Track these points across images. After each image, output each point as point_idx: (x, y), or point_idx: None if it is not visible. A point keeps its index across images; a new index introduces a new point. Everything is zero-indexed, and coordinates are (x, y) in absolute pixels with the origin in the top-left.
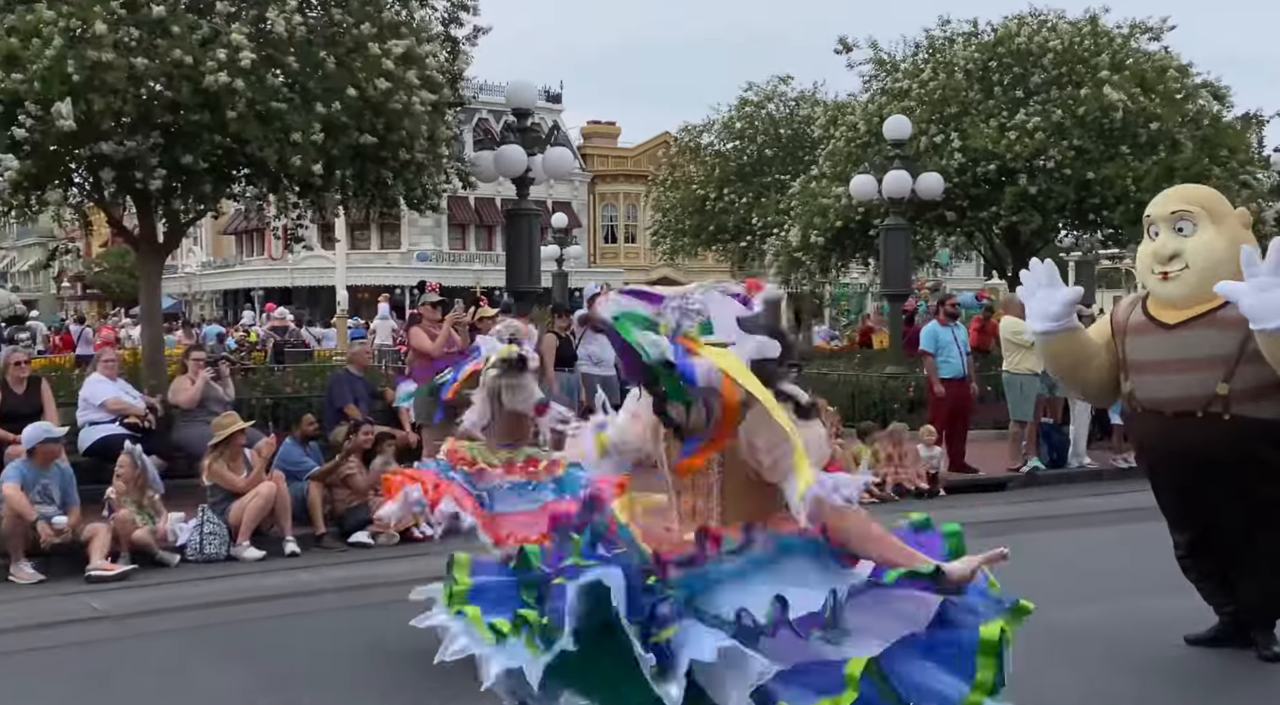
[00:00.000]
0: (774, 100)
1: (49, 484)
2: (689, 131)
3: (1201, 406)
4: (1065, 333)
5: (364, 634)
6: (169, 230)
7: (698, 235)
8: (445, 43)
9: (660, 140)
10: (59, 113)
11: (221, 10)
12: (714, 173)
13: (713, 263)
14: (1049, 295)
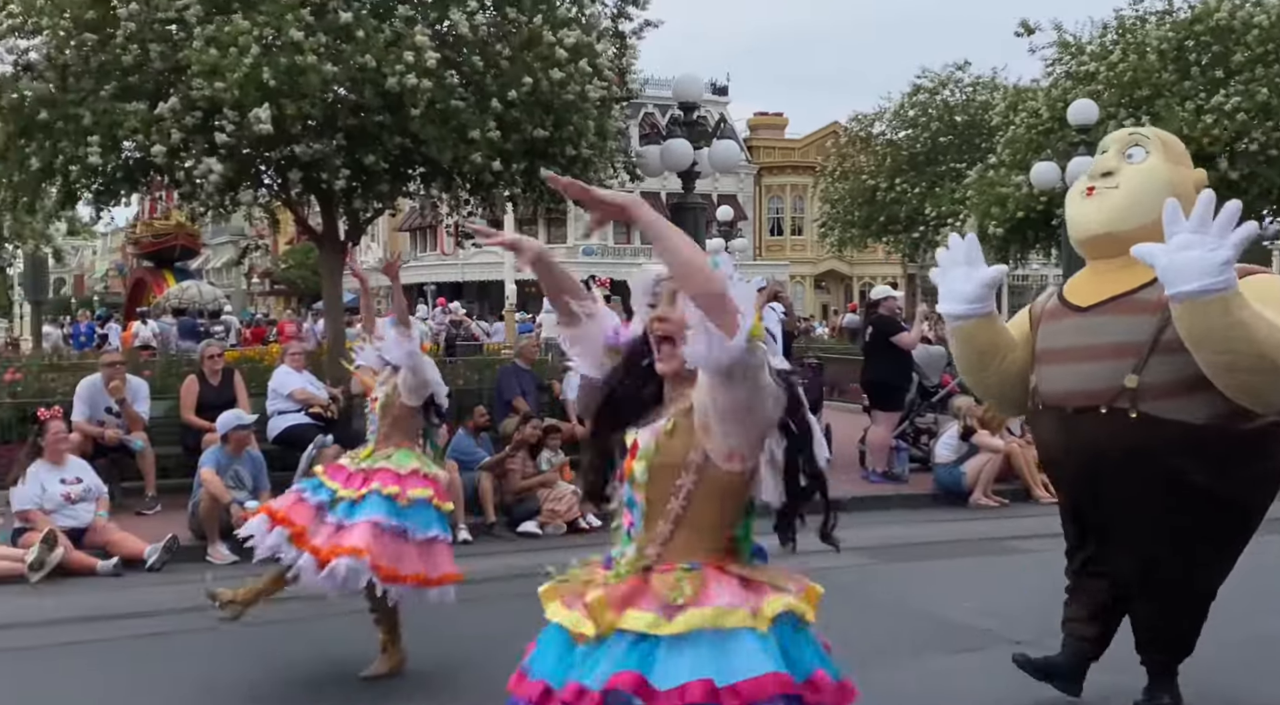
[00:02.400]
0: (949, 86)
1: (241, 470)
2: (859, 121)
3: (1106, 401)
4: (980, 319)
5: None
6: (350, 228)
7: (867, 226)
8: (614, 38)
9: (829, 130)
10: (256, 118)
11: (402, 14)
12: (885, 162)
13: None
14: (966, 274)
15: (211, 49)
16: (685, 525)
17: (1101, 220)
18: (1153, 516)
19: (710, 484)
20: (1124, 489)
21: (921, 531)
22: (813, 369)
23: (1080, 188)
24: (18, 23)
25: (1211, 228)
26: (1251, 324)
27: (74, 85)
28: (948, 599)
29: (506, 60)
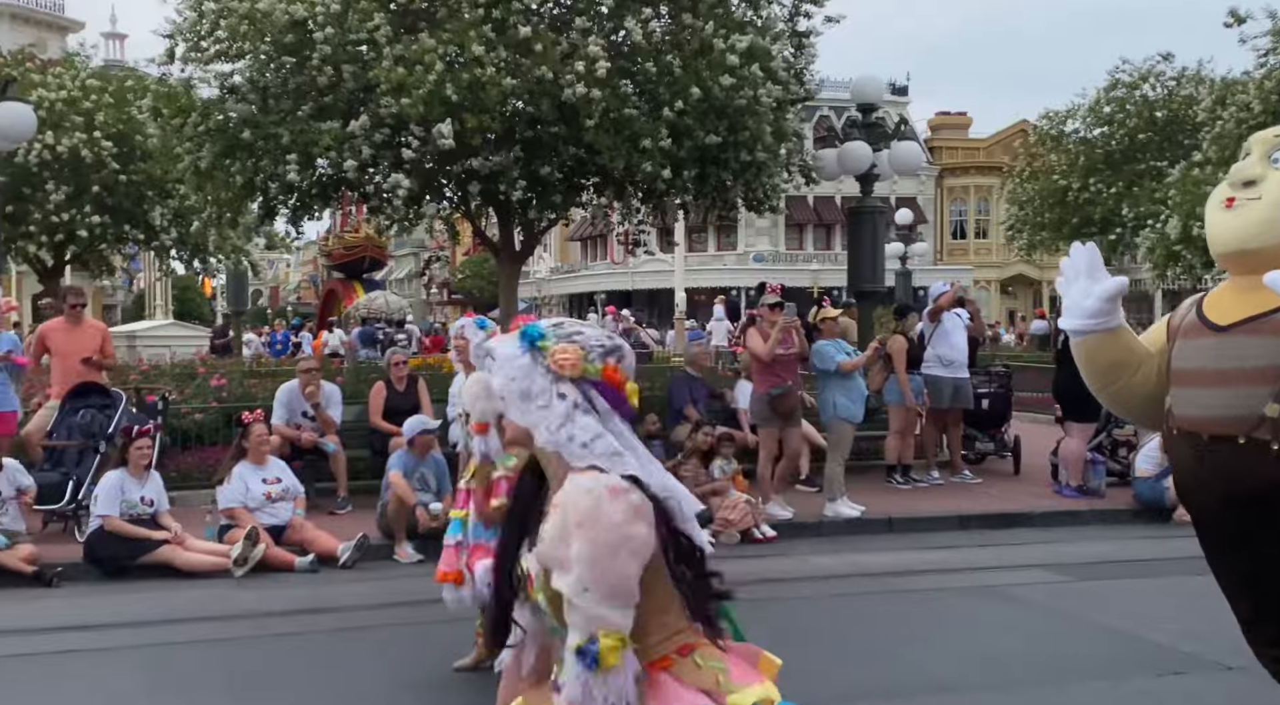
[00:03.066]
0: (1150, 80)
1: (426, 472)
2: (1050, 118)
3: (1244, 431)
4: (1101, 335)
5: None
6: (525, 238)
7: (1059, 229)
8: (791, 38)
9: (1017, 129)
10: (440, 133)
11: (579, 26)
12: (1078, 161)
13: None
14: (1085, 288)
15: (399, 67)
16: None
17: (1238, 236)
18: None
19: None
20: (1267, 531)
21: (1119, 549)
22: (1000, 377)
23: (1220, 197)
24: (224, 48)
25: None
26: None
27: (274, 106)
28: (1148, 619)
29: (680, 68)
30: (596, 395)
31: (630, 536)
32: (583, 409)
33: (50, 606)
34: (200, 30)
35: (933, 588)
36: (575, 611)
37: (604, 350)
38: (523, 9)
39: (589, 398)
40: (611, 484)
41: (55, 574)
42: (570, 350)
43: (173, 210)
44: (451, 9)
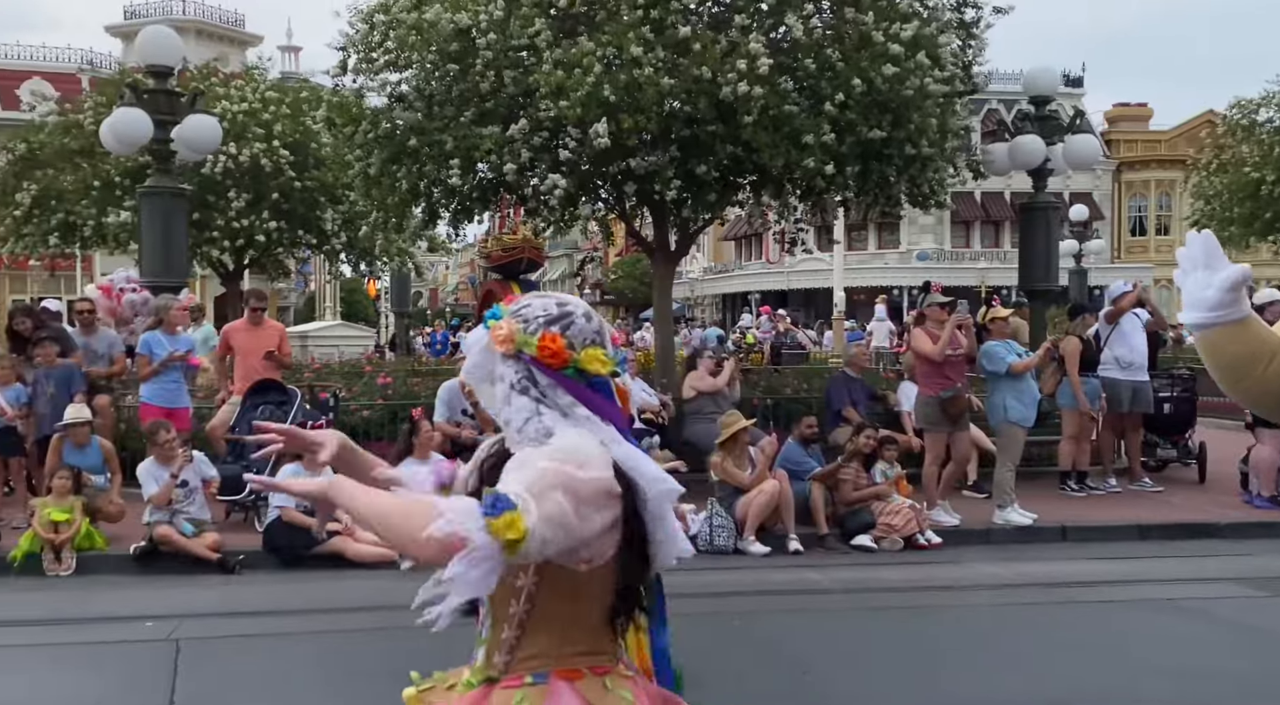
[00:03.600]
0: None
1: None
2: (1241, 107)
3: None
4: (1225, 327)
5: (870, 634)
6: (680, 238)
7: (1249, 224)
8: (959, 29)
9: (1203, 119)
10: (596, 133)
11: (738, 23)
12: (1273, 152)
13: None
14: (1204, 279)
15: (558, 71)
16: (532, 629)
17: None
18: None
19: (554, 583)
20: None
21: None
22: (1183, 381)
23: None
24: (393, 58)
25: None
26: None
27: (438, 113)
28: None
29: (840, 61)
30: (537, 370)
31: (588, 480)
32: (519, 388)
33: (233, 592)
34: (371, 42)
35: (1109, 600)
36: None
37: (546, 319)
38: (681, 9)
39: (530, 375)
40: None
41: (237, 562)
42: (504, 325)
43: (342, 215)
44: (610, 11)
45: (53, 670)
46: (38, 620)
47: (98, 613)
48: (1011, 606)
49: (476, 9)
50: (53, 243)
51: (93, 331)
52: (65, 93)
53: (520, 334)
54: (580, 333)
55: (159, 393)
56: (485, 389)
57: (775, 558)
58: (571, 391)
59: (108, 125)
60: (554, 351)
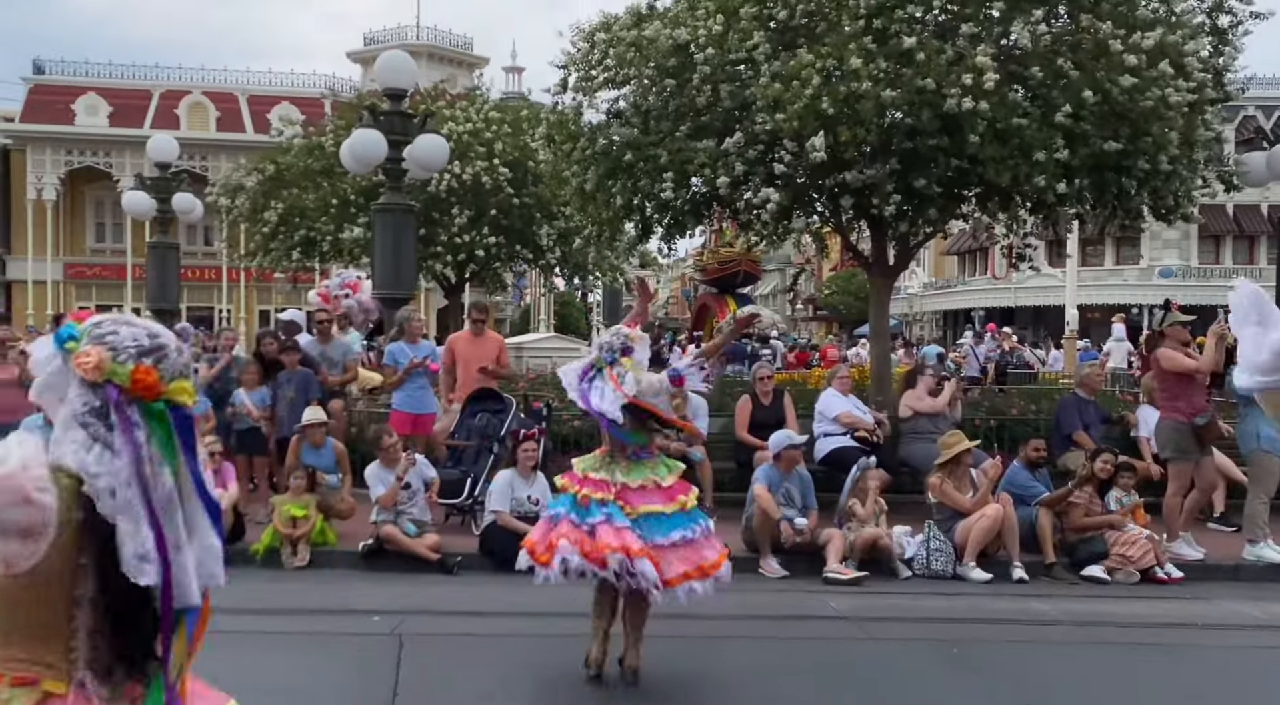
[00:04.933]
0: None
1: (791, 487)
2: None
3: None
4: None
5: (1105, 670)
6: (899, 252)
7: None
8: (1210, 34)
9: None
10: (812, 146)
11: (966, 32)
12: None
13: None
14: (1256, 339)
15: (775, 84)
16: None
17: None
18: None
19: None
20: None
21: None
22: None
23: None
24: (612, 75)
25: None
26: None
27: (654, 128)
28: None
29: (1073, 69)
30: (114, 403)
31: None
32: (80, 422)
33: (451, 591)
34: (591, 59)
35: None
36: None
37: (138, 351)
38: (906, 18)
39: (101, 410)
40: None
41: (456, 563)
42: (93, 353)
43: (557, 230)
44: (831, 22)
45: (288, 656)
46: (276, 610)
47: (329, 605)
48: (1266, 650)
49: (695, 24)
50: (295, 257)
51: (329, 340)
52: (310, 116)
53: (110, 363)
54: (172, 367)
55: (407, 400)
56: (56, 408)
57: (997, 585)
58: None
59: (347, 146)
60: (147, 385)
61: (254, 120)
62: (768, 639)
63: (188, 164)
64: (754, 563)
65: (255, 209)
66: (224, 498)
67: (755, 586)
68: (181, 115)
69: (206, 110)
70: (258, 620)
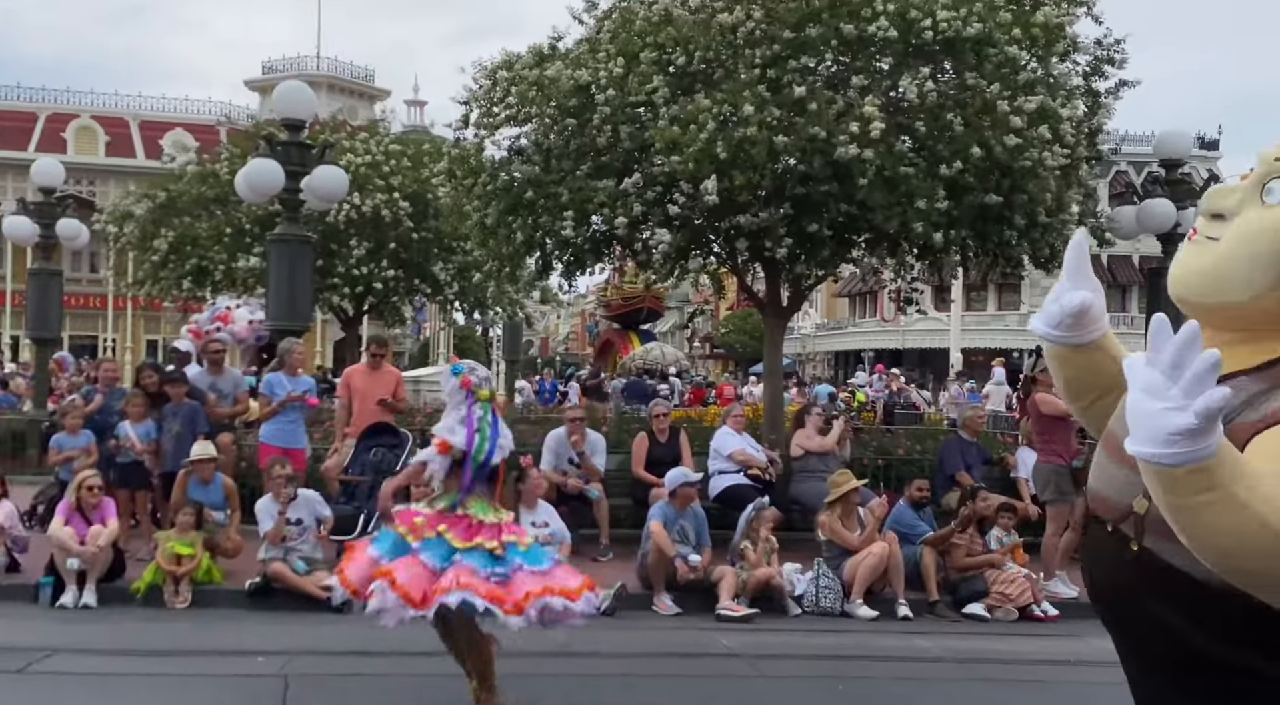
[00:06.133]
0: None
1: (686, 525)
2: None
3: (1115, 519)
4: (1064, 348)
5: None
6: (792, 294)
7: None
8: (1085, 96)
9: None
10: (706, 190)
11: (856, 84)
12: None
13: None
14: (1058, 290)
15: (673, 127)
16: None
17: (1181, 279)
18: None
19: None
20: (1126, 632)
21: None
22: None
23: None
24: (513, 112)
25: (1182, 377)
26: (1206, 510)
27: (555, 166)
28: None
29: (961, 125)
30: None
31: None
32: None
33: (341, 631)
34: (493, 97)
35: None
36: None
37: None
38: (798, 68)
39: None
40: None
41: (346, 601)
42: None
43: (457, 264)
44: (728, 70)
45: (168, 699)
46: (158, 651)
47: (213, 646)
48: None
49: (597, 66)
50: (186, 286)
51: (220, 371)
52: (205, 143)
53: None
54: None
55: (277, 433)
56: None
57: (883, 622)
58: None
59: (242, 175)
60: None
61: (145, 146)
62: (660, 676)
63: (74, 189)
64: (648, 600)
65: (145, 236)
66: (103, 533)
67: (649, 624)
68: (69, 139)
69: (95, 134)
70: (138, 662)
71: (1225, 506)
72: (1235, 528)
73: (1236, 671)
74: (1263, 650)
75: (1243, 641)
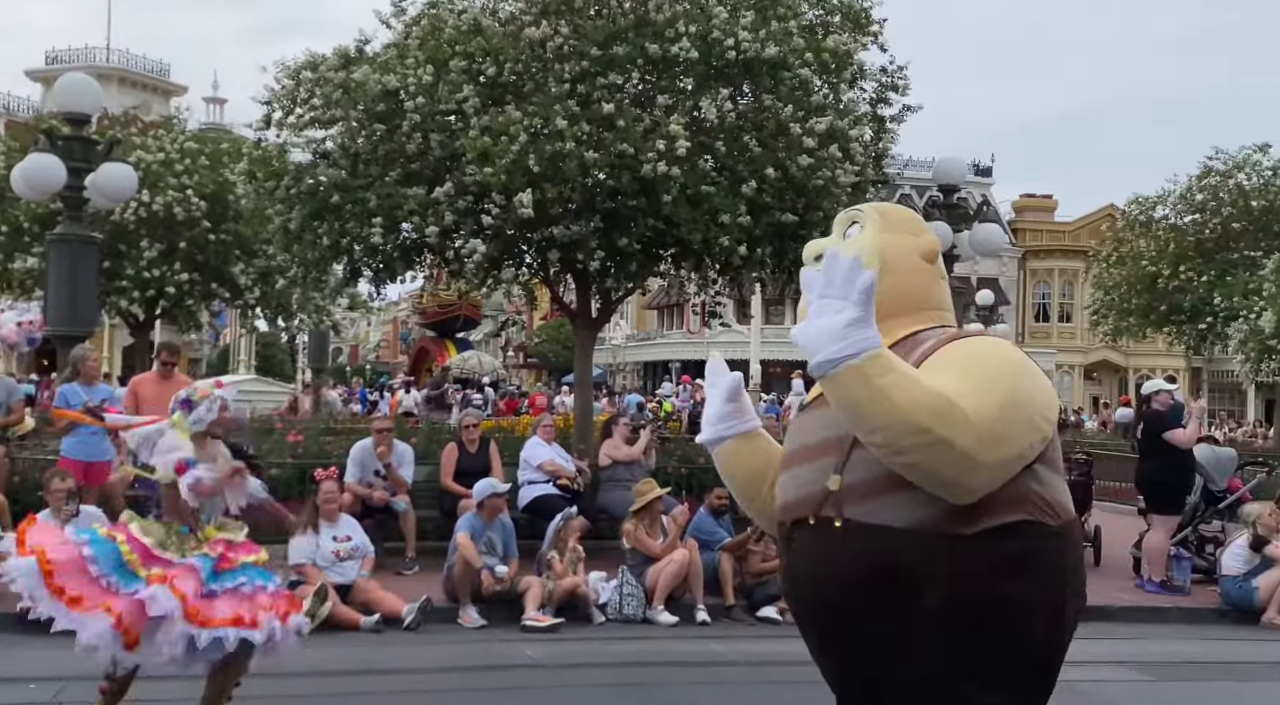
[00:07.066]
0: (1245, 170)
1: (493, 536)
2: (1139, 204)
3: (813, 509)
4: (732, 441)
5: None
6: (602, 306)
7: (1146, 316)
8: (872, 122)
9: (1104, 213)
10: (520, 202)
11: (661, 103)
12: (1168, 248)
13: (1163, 346)
14: (712, 396)
15: (485, 137)
16: None
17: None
18: (901, 657)
19: None
20: (854, 616)
21: (1204, 649)
22: (1080, 465)
23: None
24: (318, 115)
25: (835, 286)
26: (893, 389)
27: (363, 171)
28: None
29: (758, 146)
30: None
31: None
32: None
33: None
34: (297, 98)
35: None
36: None
37: None
38: (607, 84)
39: None
40: None
41: None
42: None
43: (258, 269)
44: (538, 83)
45: None
46: None
47: None
48: None
49: (405, 72)
50: None
51: None
52: None
53: None
54: None
55: (78, 446)
56: None
57: (682, 628)
58: None
59: (19, 170)
60: None
61: None
62: (463, 690)
63: None
64: (454, 613)
65: None
66: None
67: (454, 637)
68: None
69: None
70: None
71: (907, 382)
72: (919, 398)
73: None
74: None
75: (958, 583)
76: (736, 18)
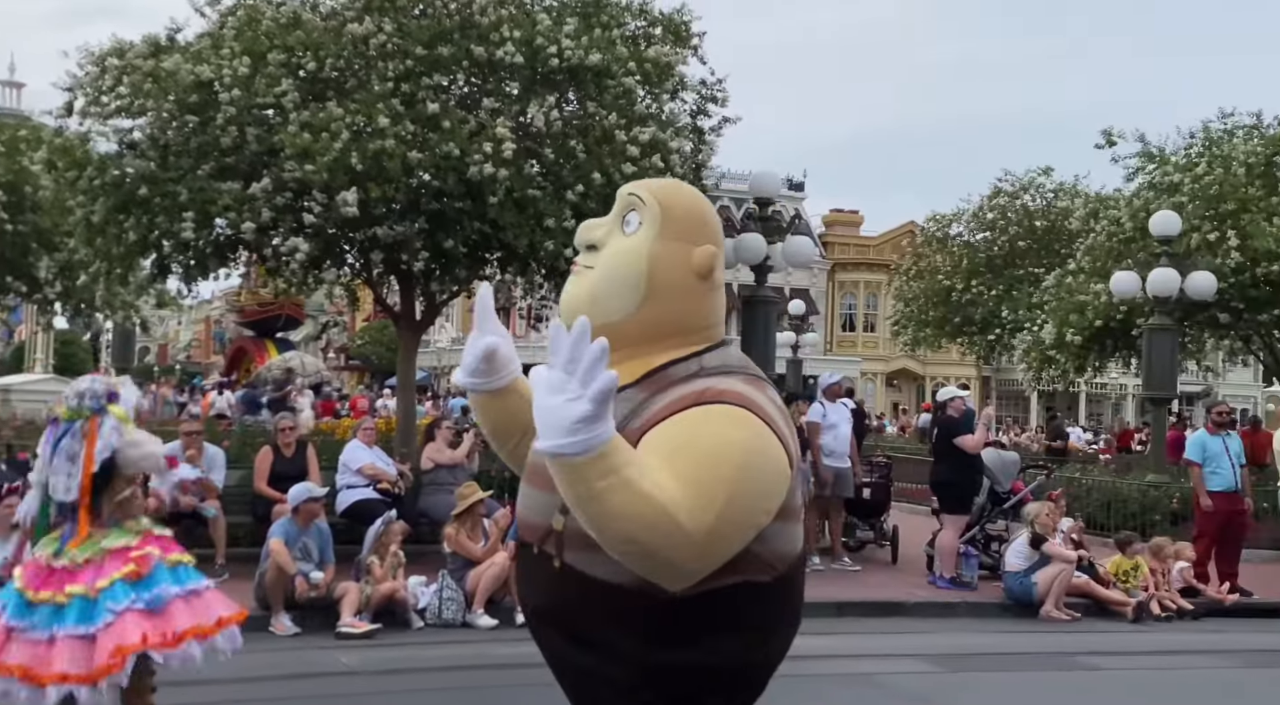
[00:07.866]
0: (1030, 191)
1: (309, 542)
2: (936, 221)
3: (538, 540)
4: (485, 394)
5: None
6: (426, 308)
7: (941, 327)
8: (691, 133)
9: (905, 229)
10: (344, 200)
11: (487, 106)
12: (961, 263)
13: (957, 356)
14: (471, 340)
15: (305, 133)
16: None
17: (568, 307)
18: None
19: None
20: (568, 657)
21: (989, 641)
22: (881, 468)
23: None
24: (125, 104)
25: (577, 369)
26: (610, 495)
27: (173, 163)
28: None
29: (583, 152)
30: None
31: None
32: None
33: None
34: (102, 86)
35: (804, 674)
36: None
37: None
38: (432, 85)
39: None
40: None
41: None
42: None
43: (60, 263)
44: (361, 80)
45: None
46: None
47: None
48: None
49: (220, 63)
50: None
51: None
52: None
53: None
54: None
55: None
56: None
57: (502, 631)
58: None
59: None
60: None
61: None
62: (274, 700)
63: None
64: (266, 621)
65: None
66: None
67: (265, 646)
68: None
69: None
70: None
71: (623, 490)
72: (633, 508)
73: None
74: (683, 643)
75: (667, 640)
76: (560, 24)
